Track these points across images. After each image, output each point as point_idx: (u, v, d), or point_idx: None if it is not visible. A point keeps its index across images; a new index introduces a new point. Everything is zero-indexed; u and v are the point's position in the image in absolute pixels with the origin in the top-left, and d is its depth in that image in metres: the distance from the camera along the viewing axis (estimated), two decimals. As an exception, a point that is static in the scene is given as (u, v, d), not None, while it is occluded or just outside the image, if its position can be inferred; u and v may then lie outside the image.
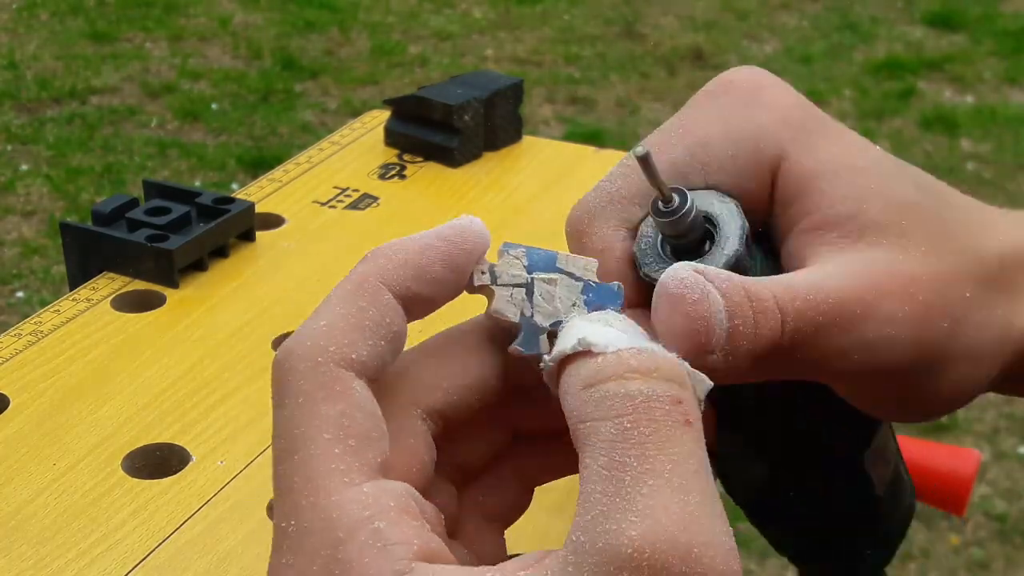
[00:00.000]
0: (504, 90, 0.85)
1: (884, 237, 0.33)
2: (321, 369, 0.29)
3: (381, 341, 0.30)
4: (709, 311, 0.30)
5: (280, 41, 3.22)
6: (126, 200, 0.71)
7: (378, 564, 0.26)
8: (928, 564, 1.65)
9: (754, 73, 0.36)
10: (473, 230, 0.32)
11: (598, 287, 0.32)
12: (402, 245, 0.31)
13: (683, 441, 0.27)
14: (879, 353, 0.32)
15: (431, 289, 0.31)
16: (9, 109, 2.81)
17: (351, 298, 0.30)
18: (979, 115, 2.95)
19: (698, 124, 0.35)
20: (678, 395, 0.27)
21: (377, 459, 0.28)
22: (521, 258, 0.32)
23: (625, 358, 0.28)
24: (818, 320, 0.31)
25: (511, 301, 0.31)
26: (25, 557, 0.49)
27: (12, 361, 0.61)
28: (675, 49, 3.29)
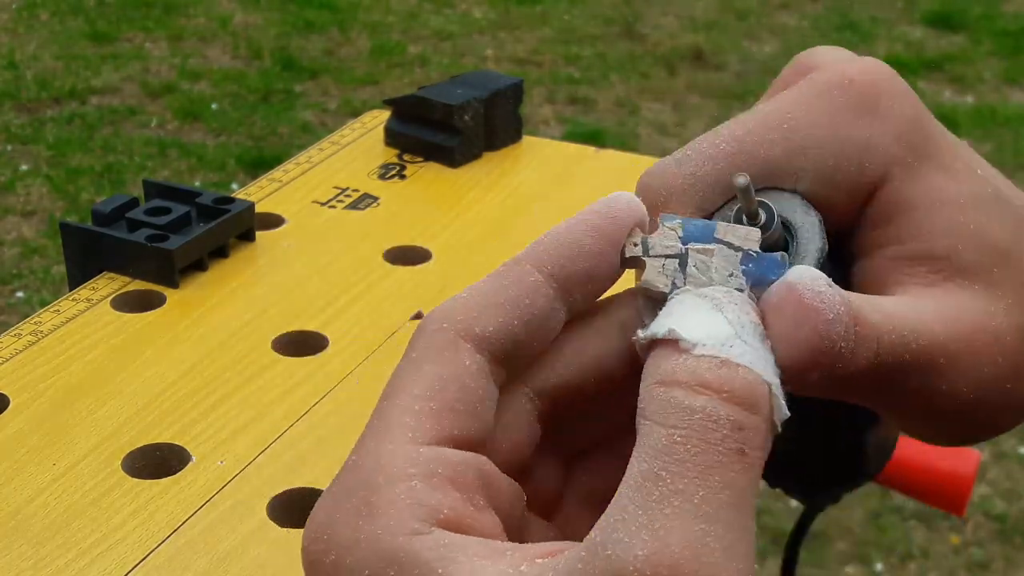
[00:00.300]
0: (504, 90, 0.85)
1: (975, 283, 0.32)
2: (440, 334, 0.29)
3: (514, 320, 0.29)
4: (839, 334, 0.28)
5: (280, 41, 3.22)
6: (126, 200, 0.71)
7: (400, 518, 0.27)
8: (928, 564, 1.65)
9: (877, 70, 0.33)
10: (622, 200, 0.31)
11: (760, 256, 0.30)
12: (555, 227, 0.31)
13: (727, 470, 0.26)
14: (950, 402, 0.32)
15: (586, 263, 0.30)
16: (9, 109, 2.81)
17: (497, 276, 0.30)
18: (979, 115, 2.95)
19: (803, 123, 0.32)
20: (742, 421, 0.26)
21: (454, 430, 0.29)
22: (677, 229, 0.31)
23: (702, 368, 0.27)
24: (904, 358, 0.30)
25: (662, 272, 0.30)
26: (25, 557, 0.49)
27: (12, 361, 0.61)
28: (675, 49, 3.29)
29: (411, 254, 0.73)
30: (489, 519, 0.28)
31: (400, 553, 0.26)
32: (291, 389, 0.60)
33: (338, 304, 0.67)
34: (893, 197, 0.32)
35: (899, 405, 0.32)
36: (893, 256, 0.32)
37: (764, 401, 0.27)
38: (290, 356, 0.63)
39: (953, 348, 0.31)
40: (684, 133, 2.87)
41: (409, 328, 0.65)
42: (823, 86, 0.33)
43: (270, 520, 0.51)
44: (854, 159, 0.32)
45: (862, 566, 1.64)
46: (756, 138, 0.32)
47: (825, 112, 0.32)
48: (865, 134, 0.32)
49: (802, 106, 0.32)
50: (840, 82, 0.33)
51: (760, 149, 0.32)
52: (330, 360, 0.62)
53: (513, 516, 0.30)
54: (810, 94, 0.33)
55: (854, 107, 0.32)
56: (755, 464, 0.26)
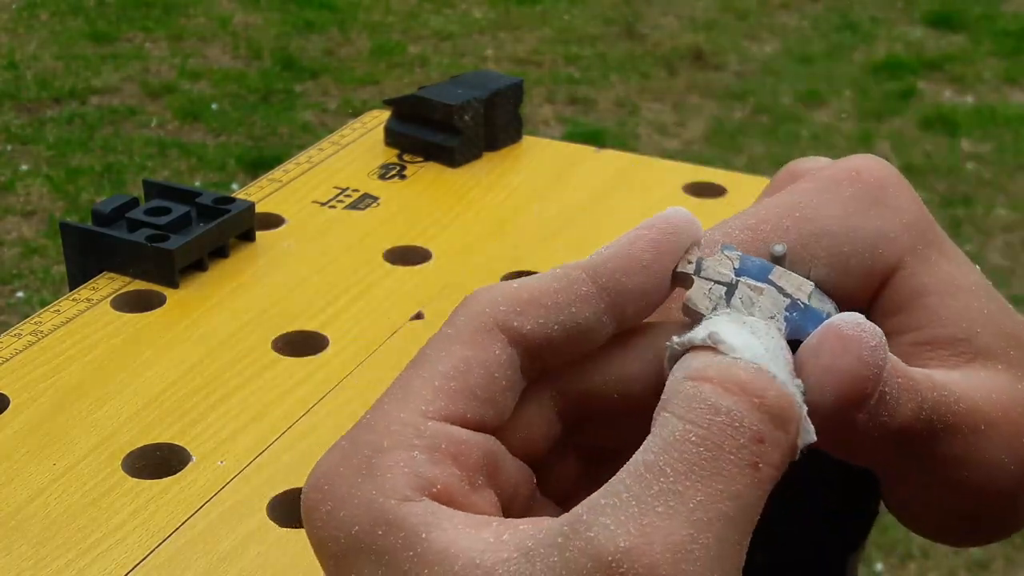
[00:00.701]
0: (504, 90, 0.85)
1: (994, 364, 0.32)
2: (480, 319, 0.30)
3: (554, 325, 0.30)
4: (883, 361, 0.28)
5: (280, 41, 3.22)
6: (126, 200, 0.71)
7: (395, 484, 0.27)
8: (928, 564, 1.65)
9: (880, 166, 0.34)
10: (680, 217, 0.31)
11: (806, 309, 0.30)
12: (614, 241, 0.31)
13: (735, 480, 0.25)
14: (985, 472, 0.31)
15: (642, 279, 0.30)
16: (9, 109, 2.81)
17: (552, 277, 0.30)
18: (979, 115, 2.95)
19: (817, 212, 0.33)
20: (764, 434, 0.26)
21: (467, 413, 0.29)
22: (734, 260, 0.31)
23: (739, 368, 0.27)
24: (948, 420, 0.30)
25: (708, 295, 0.30)
26: (25, 557, 0.49)
27: (12, 361, 0.61)
28: (675, 49, 3.29)
29: (411, 254, 0.73)
30: (485, 499, 0.29)
31: (389, 515, 0.27)
32: (291, 389, 0.60)
33: (338, 304, 0.67)
34: (907, 284, 0.33)
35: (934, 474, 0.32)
36: (912, 342, 0.33)
37: (794, 417, 0.27)
38: (290, 356, 0.63)
39: (992, 416, 0.31)
40: (684, 133, 2.87)
41: (409, 328, 0.65)
42: (831, 179, 0.33)
43: (270, 520, 0.51)
44: (867, 247, 0.32)
45: (862, 566, 1.64)
46: (769, 227, 0.32)
47: (837, 202, 0.33)
48: (877, 223, 0.33)
49: (813, 197, 0.33)
50: (848, 175, 0.33)
51: (773, 236, 0.32)
52: (330, 360, 0.62)
53: (519, 496, 0.30)
54: (820, 186, 0.33)
55: (864, 198, 0.33)
56: (766, 482, 0.26)
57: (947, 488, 0.32)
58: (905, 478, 0.33)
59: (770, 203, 0.33)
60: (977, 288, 0.33)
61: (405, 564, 0.27)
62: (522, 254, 0.73)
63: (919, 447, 0.30)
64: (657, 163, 0.87)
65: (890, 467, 0.32)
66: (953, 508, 0.33)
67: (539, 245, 0.74)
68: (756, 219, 0.33)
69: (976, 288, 0.33)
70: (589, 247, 0.31)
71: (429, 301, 0.68)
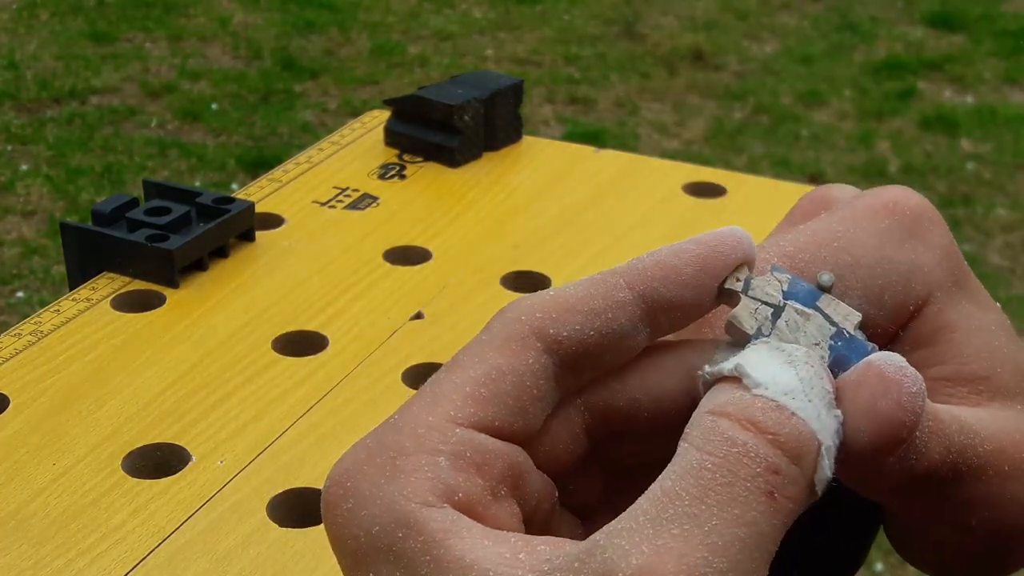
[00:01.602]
0: (504, 90, 0.85)
1: (1015, 403, 0.32)
2: (516, 326, 0.30)
3: (591, 331, 0.29)
4: (921, 409, 0.28)
5: (280, 41, 3.22)
6: (126, 200, 0.71)
7: (418, 487, 0.28)
8: (928, 564, 1.65)
9: (915, 199, 0.34)
10: (734, 237, 0.30)
11: (851, 339, 0.30)
12: (659, 249, 0.30)
13: (751, 507, 0.26)
14: (1006, 512, 0.31)
15: (679, 292, 0.30)
16: (9, 109, 2.81)
17: (589, 283, 0.30)
18: (979, 115, 2.95)
19: (853, 243, 0.33)
20: (779, 466, 0.26)
21: (495, 421, 0.29)
22: (783, 282, 0.30)
23: (756, 407, 0.27)
24: (973, 462, 0.30)
25: (753, 315, 0.30)
26: (25, 557, 0.49)
27: (12, 361, 0.61)
28: (675, 49, 3.29)
29: (411, 254, 0.73)
30: (507, 510, 0.29)
31: (410, 518, 0.27)
32: (291, 389, 0.60)
33: (338, 304, 0.67)
34: (935, 319, 0.33)
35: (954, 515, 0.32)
36: (935, 376, 0.33)
37: (810, 456, 0.27)
38: (290, 356, 0.63)
39: (1016, 457, 0.31)
40: (684, 133, 2.87)
41: (409, 328, 0.65)
42: (869, 210, 0.33)
43: (270, 520, 0.51)
44: (901, 280, 0.33)
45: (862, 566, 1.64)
46: (807, 255, 0.32)
47: (873, 233, 0.33)
48: (911, 257, 0.33)
49: (850, 226, 0.33)
50: (885, 206, 0.33)
51: (811, 266, 0.32)
52: (330, 360, 0.62)
53: (541, 510, 0.30)
54: (856, 216, 0.33)
55: (899, 230, 0.33)
56: (782, 512, 0.26)
57: (959, 528, 0.32)
58: (916, 516, 0.33)
59: (807, 231, 0.33)
60: (998, 327, 0.33)
61: (422, 569, 0.27)
62: (522, 254, 0.73)
63: (941, 489, 0.30)
64: (657, 163, 0.87)
65: (904, 505, 0.32)
66: (960, 547, 0.33)
67: (539, 245, 0.74)
68: (794, 247, 0.33)
69: (997, 327, 0.33)
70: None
71: (429, 301, 0.68)
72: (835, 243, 0.33)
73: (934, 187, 2.61)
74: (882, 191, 0.34)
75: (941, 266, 0.33)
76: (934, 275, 0.33)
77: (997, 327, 0.33)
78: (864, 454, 0.28)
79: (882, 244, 0.33)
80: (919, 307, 0.33)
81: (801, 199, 0.37)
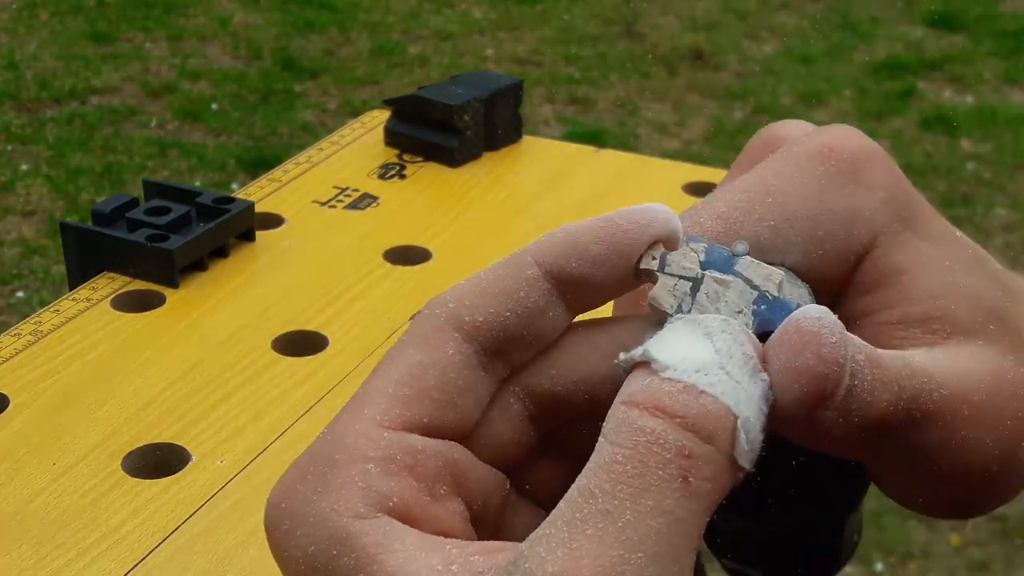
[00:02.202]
0: (504, 90, 0.85)
1: (974, 340, 0.31)
2: (430, 320, 0.29)
3: (506, 312, 0.29)
4: (845, 358, 0.27)
5: (280, 41, 3.22)
6: (126, 200, 0.71)
7: (349, 499, 0.27)
8: (928, 564, 1.65)
9: (854, 140, 0.33)
10: (648, 214, 0.29)
11: (773, 301, 0.29)
12: (568, 225, 0.30)
13: (665, 495, 0.25)
14: (969, 457, 0.30)
15: (589, 269, 0.29)
16: (9, 109, 2.81)
17: (498, 266, 0.30)
18: (979, 115, 2.95)
19: (789, 196, 0.32)
20: (690, 448, 0.25)
21: (424, 418, 0.28)
22: (700, 253, 0.30)
23: (663, 391, 0.26)
24: (928, 408, 0.29)
25: (672, 292, 0.29)
26: (25, 557, 0.49)
27: (12, 361, 0.61)
28: (675, 49, 3.29)
29: (411, 254, 0.73)
30: (448, 509, 0.28)
31: (343, 533, 0.27)
32: (291, 389, 0.60)
33: (338, 304, 0.67)
34: (881, 263, 0.32)
35: (916, 464, 0.31)
36: (884, 321, 0.32)
37: (723, 432, 0.26)
38: (290, 356, 0.63)
39: (975, 399, 0.30)
40: (684, 133, 2.87)
41: (409, 328, 0.65)
42: (802, 157, 0.32)
43: (270, 520, 0.51)
44: (842, 228, 0.32)
45: (862, 566, 1.64)
46: (741, 214, 0.31)
47: (809, 183, 0.32)
48: (850, 202, 0.32)
49: (784, 178, 0.32)
50: (820, 152, 0.32)
51: (746, 225, 0.31)
52: (330, 360, 0.62)
53: (491, 505, 0.30)
54: (790, 165, 0.32)
55: (837, 176, 0.32)
56: (700, 495, 0.25)
57: (930, 474, 0.31)
58: (886, 466, 0.32)
59: (741, 187, 0.32)
60: (955, 261, 0.32)
61: None
62: (522, 254, 0.73)
63: (898, 438, 0.29)
64: (657, 163, 0.87)
65: (869, 457, 0.31)
66: (938, 491, 0.33)
67: (539, 245, 0.74)
68: (728, 206, 0.32)
69: (953, 261, 0.32)
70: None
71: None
72: (769, 198, 0.32)
73: (934, 187, 2.61)
74: (819, 135, 0.33)
75: (884, 207, 0.32)
76: (877, 218, 0.32)
77: (953, 261, 0.32)
78: (796, 411, 0.27)
79: (819, 193, 0.32)
80: (864, 252, 0.32)
81: (751, 140, 0.36)
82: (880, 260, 0.32)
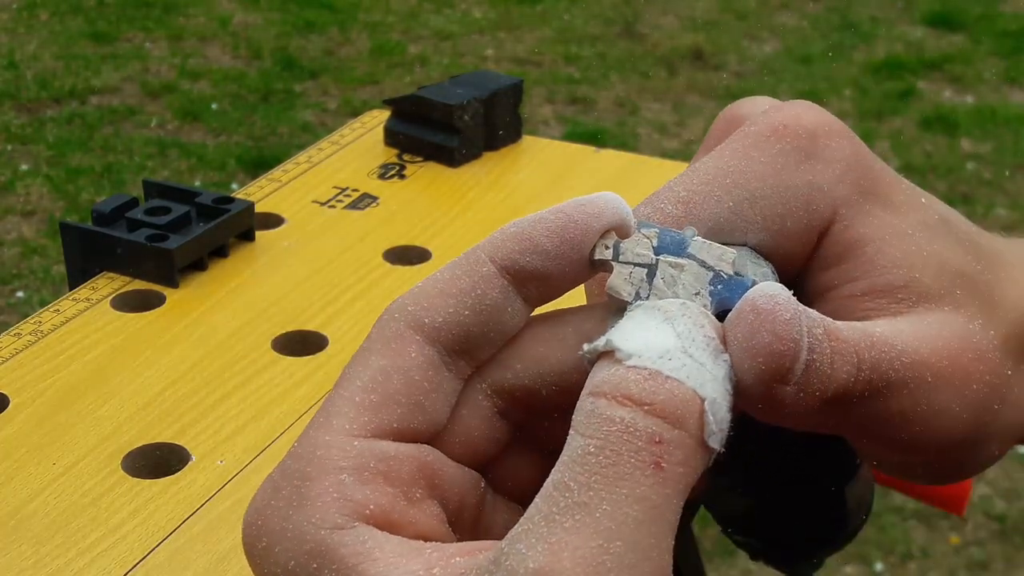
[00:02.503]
0: (504, 90, 0.85)
1: (942, 305, 0.31)
2: (391, 325, 0.29)
3: (465, 311, 0.29)
4: (800, 333, 0.27)
5: (280, 41, 3.22)
6: (126, 200, 0.71)
7: (325, 511, 0.27)
8: (928, 564, 1.65)
9: (810, 115, 0.33)
10: (597, 204, 0.30)
11: (729, 280, 0.29)
12: (519, 220, 0.30)
13: (639, 483, 0.25)
14: (938, 424, 0.30)
15: (542, 262, 0.29)
16: (9, 109, 2.81)
17: (453, 265, 0.30)
18: (979, 115, 2.95)
19: (747, 176, 0.32)
20: (660, 434, 0.25)
21: (393, 423, 0.28)
22: (652, 238, 0.30)
23: (629, 379, 0.26)
24: (891, 376, 0.29)
25: (628, 280, 0.29)
26: (25, 557, 0.49)
27: (12, 361, 0.61)
28: (675, 49, 3.29)
29: (411, 254, 0.73)
30: (425, 512, 0.28)
31: (321, 546, 0.26)
32: (291, 389, 0.60)
33: (338, 304, 0.67)
34: (842, 237, 0.32)
35: (885, 433, 0.31)
36: (849, 294, 0.32)
37: (692, 416, 0.26)
38: (290, 356, 0.63)
39: (939, 365, 0.30)
40: (684, 133, 2.87)
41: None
42: (757, 136, 0.32)
43: (270, 520, 0.51)
44: (801, 204, 0.32)
45: (862, 566, 1.64)
46: (700, 198, 0.32)
47: (765, 162, 0.32)
48: (808, 178, 0.32)
49: (741, 158, 0.32)
50: (776, 129, 0.32)
51: (706, 208, 0.32)
52: (330, 360, 0.62)
53: (467, 504, 0.30)
54: (747, 145, 0.32)
55: (793, 153, 0.32)
56: (673, 480, 0.25)
57: (898, 441, 0.31)
58: (856, 436, 0.32)
59: (701, 169, 0.32)
60: (918, 229, 0.32)
61: None
62: (522, 254, 0.73)
63: (862, 408, 0.29)
64: (657, 163, 0.87)
65: (836, 429, 0.31)
66: (910, 458, 0.33)
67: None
68: (687, 190, 0.32)
69: (916, 230, 0.32)
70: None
71: (429, 301, 0.68)
72: (728, 179, 0.32)
73: (934, 187, 2.61)
74: (775, 112, 0.33)
75: (843, 180, 0.32)
76: (836, 192, 0.32)
77: (917, 228, 0.32)
78: (756, 389, 0.27)
79: (777, 171, 0.32)
80: (826, 227, 0.32)
81: (716, 120, 0.36)
82: (842, 233, 0.32)
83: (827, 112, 0.33)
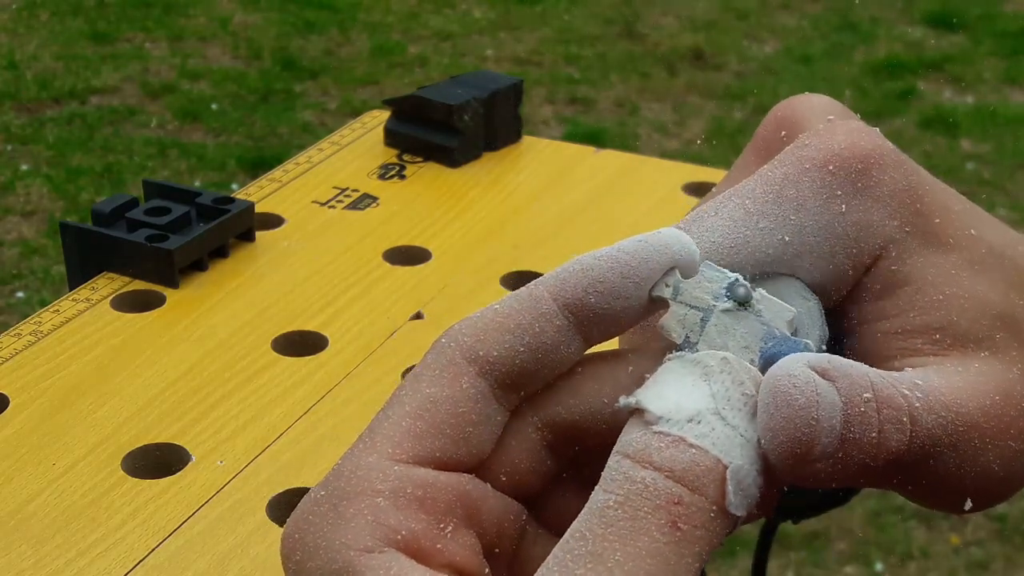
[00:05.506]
0: (504, 90, 0.85)
1: (980, 350, 0.31)
2: (446, 354, 0.29)
3: (521, 347, 0.29)
4: (817, 419, 0.27)
5: (280, 41, 3.22)
6: (126, 200, 0.71)
7: (357, 532, 0.27)
8: (928, 564, 1.65)
9: (865, 143, 0.32)
10: (662, 240, 0.29)
11: (783, 338, 0.29)
12: (580, 257, 0.30)
13: (655, 539, 0.25)
14: (971, 481, 0.30)
15: (606, 301, 0.29)
16: (9, 109, 2.81)
17: (513, 298, 0.30)
18: (979, 115, 2.95)
19: (798, 208, 0.31)
20: (680, 496, 0.26)
21: (436, 452, 0.28)
22: (714, 283, 0.30)
23: (652, 445, 0.26)
24: (943, 440, 0.29)
25: (681, 321, 0.29)
26: (25, 557, 0.49)
27: (12, 361, 0.61)
28: (675, 49, 3.29)
29: (411, 254, 0.73)
30: (459, 542, 0.28)
31: (349, 568, 0.27)
32: (291, 389, 0.60)
33: (338, 304, 0.67)
34: (886, 273, 0.32)
35: (918, 488, 0.31)
36: (886, 330, 0.32)
37: (712, 484, 0.26)
38: (290, 356, 0.63)
39: (986, 425, 0.30)
40: (684, 133, 2.87)
41: (409, 328, 0.65)
42: (811, 164, 0.32)
43: (270, 520, 0.51)
44: (851, 240, 0.32)
45: (862, 566, 1.64)
46: (749, 230, 0.31)
47: (818, 193, 0.31)
48: (858, 214, 0.32)
49: (792, 187, 0.32)
50: (829, 159, 0.32)
51: (755, 239, 0.31)
52: (330, 360, 0.62)
53: (506, 536, 0.30)
54: (799, 173, 0.32)
55: (846, 185, 0.32)
56: (690, 541, 0.26)
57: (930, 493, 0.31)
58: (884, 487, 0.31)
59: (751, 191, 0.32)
60: (962, 270, 0.32)
61: None
62: (522, 254, 0.73)
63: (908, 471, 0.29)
64: (657, 163, 0.87)
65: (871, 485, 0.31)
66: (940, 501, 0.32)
67: (539, 245, 0.74)
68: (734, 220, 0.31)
69: (960, 270, 0.32)
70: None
71: (429, 301, 0.68)
72: (779, 209, 0.31)
73: (934, 187, 2.61)
74: (830, 135, 0.32)
75: (893, 217, 0.32)
76: (885, 228, 0.32)
77: (961, 268, 0.32)
78: (782, 466, 0.27)
79: (826, 204, 0.31)
80: (873, 260, 0.32)
81: (766, 120, 0.35)
82: (887, 269, 0.32)
83: (881, 137, 0.33)
